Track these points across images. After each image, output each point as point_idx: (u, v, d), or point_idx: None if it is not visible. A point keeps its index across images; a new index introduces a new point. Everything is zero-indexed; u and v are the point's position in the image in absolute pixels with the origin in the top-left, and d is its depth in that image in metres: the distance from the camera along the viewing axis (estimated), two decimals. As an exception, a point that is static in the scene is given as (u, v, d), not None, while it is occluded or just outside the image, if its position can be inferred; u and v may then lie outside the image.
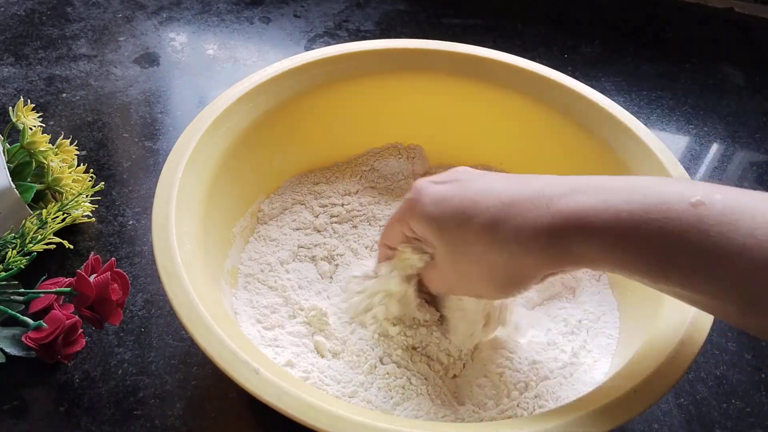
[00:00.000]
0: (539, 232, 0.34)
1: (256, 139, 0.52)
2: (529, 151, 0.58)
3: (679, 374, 0.37)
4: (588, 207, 0.33)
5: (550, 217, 0.34)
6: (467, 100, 0.58)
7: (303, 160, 0.58)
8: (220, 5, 0.85)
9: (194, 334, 0.36)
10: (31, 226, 0.49)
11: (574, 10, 0.88)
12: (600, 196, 0.33)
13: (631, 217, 0.32)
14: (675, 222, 0.31)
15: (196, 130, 0.47)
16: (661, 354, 0.38)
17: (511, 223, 0.35)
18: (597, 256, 0.33)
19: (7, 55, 0.74)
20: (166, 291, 0.38)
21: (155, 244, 0.40)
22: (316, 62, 0.55)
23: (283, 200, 0.56)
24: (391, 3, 0.86)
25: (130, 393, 0.47)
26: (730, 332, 0.54)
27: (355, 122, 0.59)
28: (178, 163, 0.45)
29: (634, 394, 0.36)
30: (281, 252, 0.52)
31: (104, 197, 0.59)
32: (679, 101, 0.76)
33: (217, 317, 0.37)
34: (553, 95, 0.55)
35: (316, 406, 0.34)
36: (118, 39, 0.78)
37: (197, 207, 0.45)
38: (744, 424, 0.48)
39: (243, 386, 0.34)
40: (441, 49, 0.57)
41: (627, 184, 0.34)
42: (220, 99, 0.50)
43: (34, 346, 0.45)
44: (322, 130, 0.58)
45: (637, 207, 0.32)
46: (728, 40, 0.85)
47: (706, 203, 0.31)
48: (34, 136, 0.54)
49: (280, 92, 0.53)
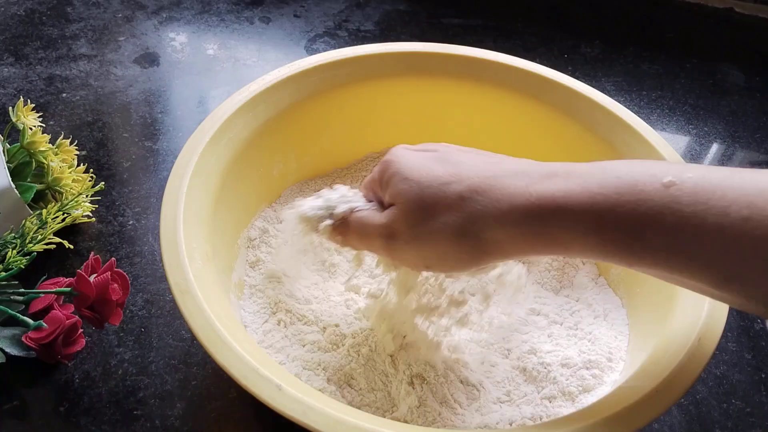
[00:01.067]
0: (515, 209, 0.34)
1: (258, 149, 0.52)
2: (530, 152, 0.58)
3: (699, 370, 0.37)
4: (565, 190, 0.33)
5: (528, 197, 0.34)
6: (467, 102, 0.58)
7: (303, 167, 0.58)
8: (220, 5, 0.85)
9: (214, 354, 0.36)
10: (31, 226, 0.49)
11: (574, 10, 0.88)
12: (576, 180, 0.34)
13: (606, 200, 0.32)
14: (648, 203, 0.31)
15: (198, 142, 0.47)
16: (679, 352, 0.38)
17: (490, 195, 0.35)
18: (572, 240, 0.34)
19: (7, 55, 0.74)
20: (180, 310, 0.38)
21: (165, 261, 0.40)
22: (314, 69, 0.54)
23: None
24: (391, 3, 0.86)
25: (130, 393, 0.47)
26: (730, 332, 0.54)
27: (353, 127, 0.59)
28: (182, 177, 0.44)
29: (656, 393, 0.36)
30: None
31: (104, 197, 0.59)
32: (679, 101, 0.76)
33: (234, 334, 0.37)
34: (554, 95, 0.55)
35: (343, 420, 0.34)
36: (118, 39, 0.78)
37: (204, 221, 0.44)
38: (744, 424, 0.48)
39: (267, 404, 0.35)
40: (439, 51, 0.57)
41: (602, 167, 0.34)
42: (220, 109, 0.50)
43: (34, 346, 0.45)
44: (321, 136, 0.58)
45: (611, 190, 0.32)
46: (728, 40, 0.85)
47: (678, 183, 0.31)
48: (34, 136, 0.54)
49: (278, 101, 0.53)
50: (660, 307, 0.44)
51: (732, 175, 0.31)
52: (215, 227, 0.46)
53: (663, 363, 0.38)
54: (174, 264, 0.39)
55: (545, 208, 0.34)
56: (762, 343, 0.53)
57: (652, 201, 0.31)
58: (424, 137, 0.60)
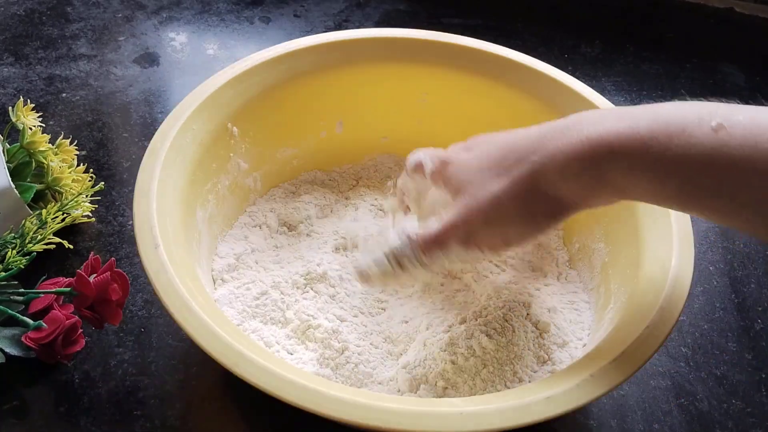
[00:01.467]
0: (572, 159, 0.35)
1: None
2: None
3: (672, 322, 0.39)
4: (616, 131, 0.34)
5: (581, 142, 0.34)
6: (464, 92, 0.58)
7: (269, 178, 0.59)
8: (220, 5, 0.84)
9: (191, 332, 0.37)
10: (31, 226, 0.49)
11: (574, 10, 0.88)
12: (627, 122, 0.34)
13: (658, 145, 0.32)
14: (698, 147, 0.31)
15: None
16: (649, 311, 0.40)
17: (543, 152, 0.36)
18: (627, 183, 0.34)
19: (7, 55, 0.74)
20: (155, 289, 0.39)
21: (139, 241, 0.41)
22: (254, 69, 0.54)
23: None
24: (391, 3, 0.86)
25: (130, 393, 0.47)
26: (730, 332, 0.54)
27: (350, 119, 0.59)
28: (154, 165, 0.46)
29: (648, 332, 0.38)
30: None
31: (104, 197, 0.59)
32: (679, 101, 0.76)
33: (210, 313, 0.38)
34: (545, 89, 0.55)
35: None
36: (118, 39, 0.78)
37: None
38: (744, 424, 0.48)
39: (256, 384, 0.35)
40: (425, 38, 0.57)
41: (653, 110, 0.34)
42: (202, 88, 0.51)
43: (34, 346, 0.45)
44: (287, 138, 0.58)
45: (662, 134, 0.32)
46: (728, 40, 0.85)
47: (727, 126, 0.31)
48: (34, 136, 0.54)
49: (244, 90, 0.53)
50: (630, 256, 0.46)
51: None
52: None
53: (644, 309, 0.40)
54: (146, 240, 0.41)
55: (599, 151, 0.34)
56: (762, 343, 0.53)
57: (701, 145, 0.31)
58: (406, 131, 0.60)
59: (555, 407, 0.35)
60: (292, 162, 0.59)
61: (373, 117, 0.60)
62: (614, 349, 0.38)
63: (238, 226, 0.54)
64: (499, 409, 0.35)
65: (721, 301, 0.56)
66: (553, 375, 0.42)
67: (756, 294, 0.56)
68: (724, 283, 0.57)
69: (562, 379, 0.37)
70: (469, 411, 0.35)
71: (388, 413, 0.34)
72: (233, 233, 0.54)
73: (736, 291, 0.56)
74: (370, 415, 0.34)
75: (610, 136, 0.34)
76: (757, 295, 0.56)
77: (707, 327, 0.54)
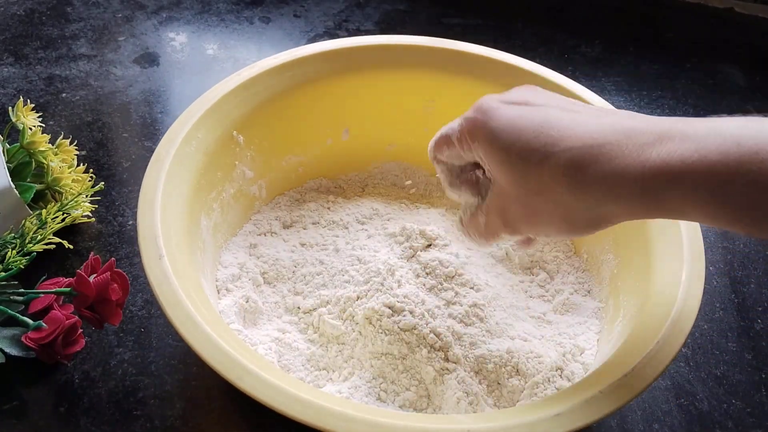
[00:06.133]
0: (629, 182, 0.33)
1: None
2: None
3: (680, 342, 0.39)
4: (680, 158, 0.32)
5: (641, 166, 0.33)
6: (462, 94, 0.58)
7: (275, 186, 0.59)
8: (220, 5, 0.84)
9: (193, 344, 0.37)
10: (31, 226, 0.49)
11: (574, 10, 0.88)
12: (691, 145, 0.32)
13: (727, 170, 0.31)
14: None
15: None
16: (659, 325, 0.39)
17: (598, 168, 0.34)
18: (689, 208, 0.33)
19: (7, 55, 0.74)
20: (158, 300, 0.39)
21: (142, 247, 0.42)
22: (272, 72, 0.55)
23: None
24: (391, 3, 0.86)
25: (130, 393, 0.47)
26: (730, 332, 0.54)
27: (356, 126, 0.59)
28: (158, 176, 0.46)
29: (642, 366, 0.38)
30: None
31: (104, 197, 0.59)
32: (679, 101, 0.76)
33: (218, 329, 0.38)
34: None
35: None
36: (117, 39, 0.78)
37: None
38: (744, 424, 0.48)
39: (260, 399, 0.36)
40: (423, 44, 0.57)
41: (719, 130, 0.32)
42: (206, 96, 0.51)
43: (33, 346, 0.45)
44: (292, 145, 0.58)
45: (732, 159, 0.31)
46: (728, 40, 0.85)
47: None
48: (34, 136, 0.54)
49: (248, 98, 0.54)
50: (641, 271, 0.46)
51: None
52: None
53: (654, 323, 0.40)
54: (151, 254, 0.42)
55: (660, 178, 0.32)
56: (762, 343, 0.53)
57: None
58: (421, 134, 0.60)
59: (562, 425, 0.35)
60: (297, 170, 0.59)
61: (379, 124, 0.59)
62: (624, 364, 0.37)
63: (243, 234, 0.54)
64: (505, 427, 0.35)
65: (721, 301, 0.56)
66: (560, 391, 0.41)
67: (756, 294, 0.56)
68: (724, 283, 0.57)
69: (570, 396, 0.36)
70: (476, 429, 0.35)
71: (395, 430, 0.34)
72: (237, 241, 0.54)
73: (736, 291, 0.56)
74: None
75: (673, 162, 0.32)
76: (757, 295, 0.56)
77: (707, 327, 0.54)
